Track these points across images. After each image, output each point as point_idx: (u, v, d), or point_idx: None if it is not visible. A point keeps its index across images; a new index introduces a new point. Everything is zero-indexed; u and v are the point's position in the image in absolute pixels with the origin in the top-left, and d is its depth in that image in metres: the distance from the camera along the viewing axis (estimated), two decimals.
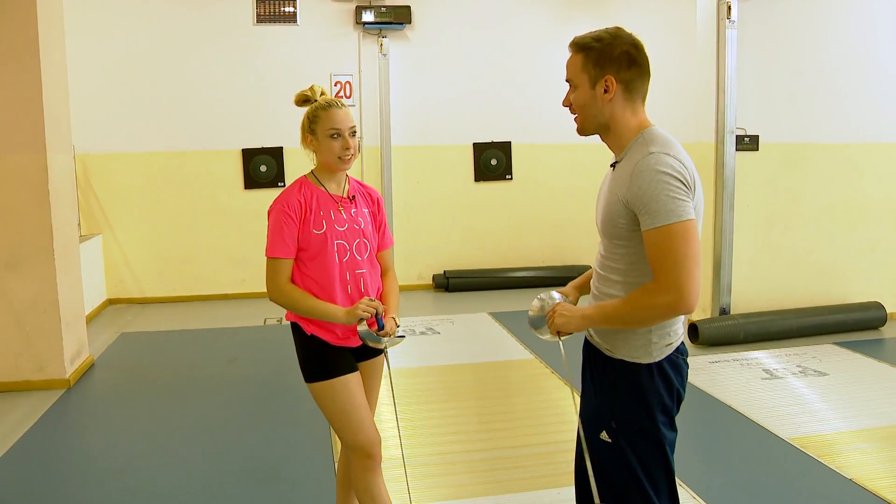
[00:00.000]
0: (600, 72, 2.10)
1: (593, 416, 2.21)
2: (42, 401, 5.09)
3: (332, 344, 2.68)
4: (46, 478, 3.98)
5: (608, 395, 2.17)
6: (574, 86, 2.16)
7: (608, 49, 2.10)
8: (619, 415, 2.13)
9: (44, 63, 5.20)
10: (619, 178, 2.10)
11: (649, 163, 2.00)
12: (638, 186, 2.00)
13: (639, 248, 2.07)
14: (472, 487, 3.73)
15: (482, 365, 5.83)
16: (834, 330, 6.46)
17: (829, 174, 6.69)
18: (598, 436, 2.17)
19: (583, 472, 2.46)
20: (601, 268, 2.22)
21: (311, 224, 2.62)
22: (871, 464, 3.95)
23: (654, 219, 1.97)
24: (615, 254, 2.14)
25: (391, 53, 8.41)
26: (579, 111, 2.17)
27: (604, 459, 2.18)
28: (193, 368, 5.88)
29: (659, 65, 2.22)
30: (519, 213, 8.92)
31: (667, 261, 1.96)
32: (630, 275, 2.12)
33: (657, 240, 1.97)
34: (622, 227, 2.08)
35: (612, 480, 2.17)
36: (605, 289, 2.19)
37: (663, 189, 1.97)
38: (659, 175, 1.98)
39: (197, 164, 8.22)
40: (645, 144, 2.07)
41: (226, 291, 8.35)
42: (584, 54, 2.13)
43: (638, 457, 2.12)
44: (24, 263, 5.27)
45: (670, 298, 1.95)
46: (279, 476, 3.92)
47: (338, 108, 2.65)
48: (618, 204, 2.07)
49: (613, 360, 2.15)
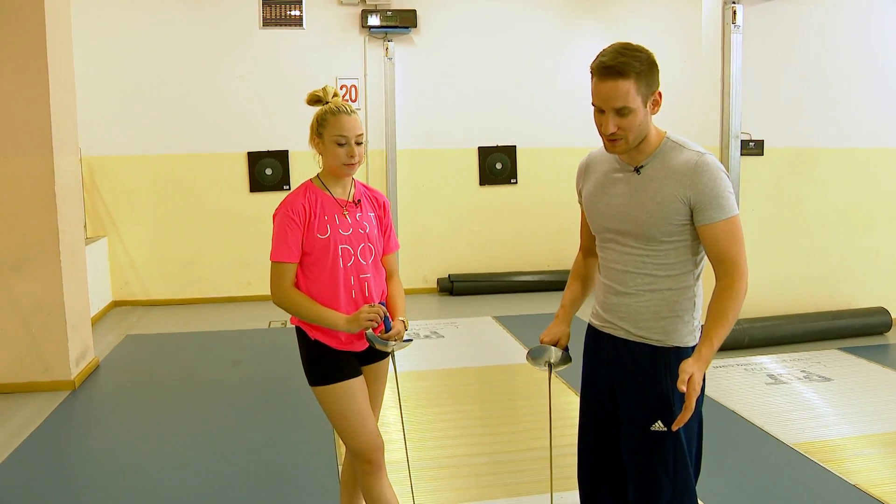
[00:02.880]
0: (650, 90, 2.17)
1: (648, 408, 2.26)
2: (47, 402, 5.11)
3: (336, 349, 2.69)
4: (51, 479, 4.00)
5: (666, 383, 2.24)
6: (629, 110, 2.14)
7: (648, 66, 2.15)
8: (680, 399, 2.17)
9: (51, 65, 5.22)
10: (662, 179, 2.20)
11: (709, 162, 2.18)
12: (703, 184, 2.15)
13: (686, 242, 2.23)
14: (476, 491, 3.73)
15: (486, 368, 5.83)
16: (839, 335, 6.45)
17: (835, 179, 6.69)
18: (650, 428, 2.24)
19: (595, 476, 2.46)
20: (634, 266, 2.28)
21: (316, 228, 2.62)
22: (875, 469, 3.94)
23: (722, 212, 2.16)
24: (658, 250, 2.25)
25: (396, 57, 8.43)
26: (634, 133, 2.19)
27: (656, 450, 2.24)
28: (198, 371, 5.89)
29: (664, 69, 2.24)
30: (524, 217, 8.93)
31: (737, 248, 2.18)
32: (674, 268, 2.26)
33: (727, 230, 2.17)
34: (676, 223, 2.21)
35: (664, 470, 2.24)
36: (644, 285, 2.28)
37: (725, 185, 2.17)
38: (720, 173, 2.18)
39: (202, 167, 8.24)
40: (681, 147, 2.23)
41: (231, 294, 8.36)
42: (636, 78, 2.13)
43: (688, 437, 2.25)
44: (30, 265, 5.29)
45: (747, 280, 2.20)
46: (283, 478, 3.92)
47: (347, 114, 2.64)
48: (675, 202, 2.18)
49: (665, 348, 2.27)
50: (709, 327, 2.19)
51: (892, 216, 6.84)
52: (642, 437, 2.26)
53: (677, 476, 2.24)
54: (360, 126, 2.67)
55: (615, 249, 2.33)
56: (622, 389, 2.34)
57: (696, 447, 2.28)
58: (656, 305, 2.26)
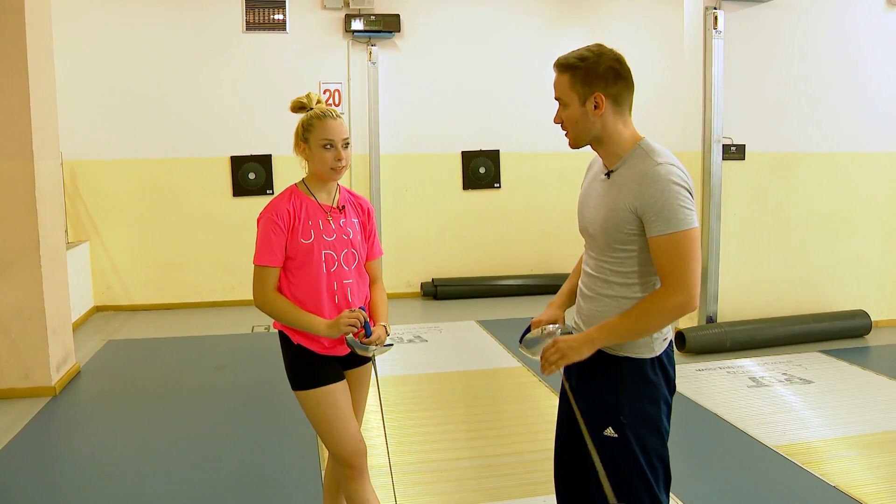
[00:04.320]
0: (589, 89, 2.19)
1: (596, 413, 2.28)
2: (27, 408, 5.06)
3: (319, 353, 2.69)
4: (32, 485, 3.96)
5: (615, 392, 2.24)
6: (564, 104, 2.24)
7: (594, 67, 2.18)
8: (629, 409, 2.21)
9: (31, 69, 5.19)
10: (621, 186, 2.19)
11: (660, 173, 2.12)
12: (650, 195, 2.11)
13: (639, 253, 2.19)
14: (459, 495, 3.73)
15: (470, 373, 5.83)
16: (819, 338, 6.50)
17: (816, 183, 6.75)
18: (602, 433, 2.24)
19: (569, 479, 2.49)
20: (596, 270, 2.30)
21: (300, 234, 2.63)
22: (855, 471, 3.98)
23: (666, 226, 2.10)
24: (615, 258, 2.23)
25: (380, 62, 8.43)
26: (571, 128, 2.25)
27: (608, 455, 2.25)
28: (181, 376, 5.86)
29: (646, 74, 2.27)
30: (507, 221, 8.94)
31: (678, 264, 2.11)
32: (630, 276, 2.23)
33: (669, 245, 2.11)
34: (627, 232, 2.18)
35: (616, 476, 2.24)
36: (602, 290, 2.28)
37: (675, 198, 2.10)
38: (670, 185, 2.10)
39: (185, 172, 8.20)
40: (647, 155, 2.18)
41: (214, 299, 8.32)
42: (571, 74, 2.20)
43: (643, 449, 2.22)
44: (10, 270, 5.24)
45: (680, 299, 2.12)
46: (266, 483, 3.91)
47: (332, 118, 2.65)
48: (625, 211, 2.16)
49: (618, 357, 2.24)
50: (614, 320, 2.19)
51: (873, 220, 6.91)
52: (596, 442, 2.27)
53: (625, 481, 2.23)
54: (346, 130, 2.68)
55: (587, 252, 2.37)
56: (581, 393, 2.35)
57: (656, 458, 2.24)
58: (612, 312, 2.25)
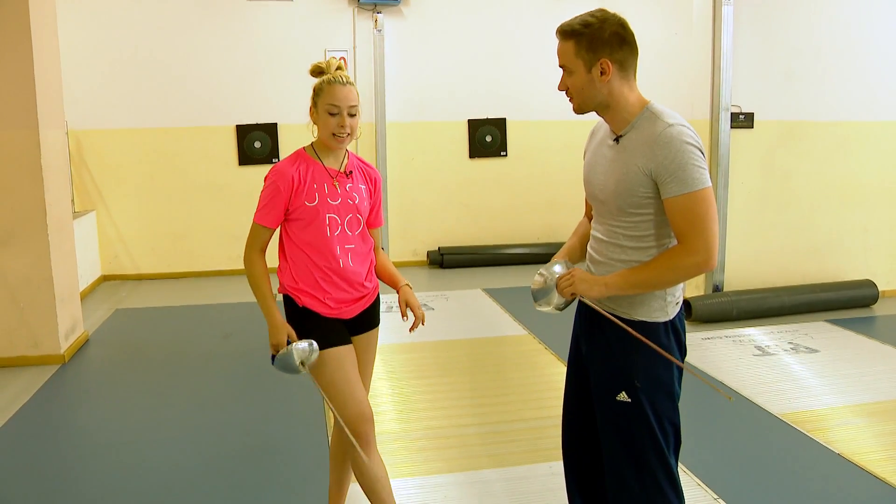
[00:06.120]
0: (594, 56, 2.17)
1: (608, 379, 2.29)
2: (37, 376, 5.11)
3: (324, 315, 2.69)
4: (42, 452, 4.00)
5: (629, 356, 2.25)
6: (569, 71, 2.22)
7: (598, 33, 2.16)
8: (643, 373, 2.23)
9: (35, 38, 5.16)
10: (632, 150, 2.18)
11: (672, 134, 2.11)
12: (664, 156, 2.11)
13: (655, 216, 2.19)
14: (465, 461, 3.76)
15: (476, 340, 5.86)
16: (826, 307, 6.50)
17: (824, 152, 6.69)
18: (615, 398, 2.26)
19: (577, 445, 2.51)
20: (608, 235, 2.30)
21: (304, 196, 2.62)
22: (860, 439, 3.99)
23: (682, 186, 2.10)
24: (628, 222, 2.23)
25: (386, 29, 8.36)
26: (577, 94, 2.24)
27: (621, 420, 2.27)
28: (188, 344, 5.90)
29: (654, 41, 2.25)
30: (513, 189, 8.92)
31: (695, 224, 2.11)
32: (644, 240, 2.22)
33: (685, 205, 2.11)
34: (641, 196, 2.18)
35: (629, 439, 2.27)
36: (614, 254, 2.28)
37: (689, 158, 2.10)
38: (684, 145, 2.10)
39: (191, 141, 8.18)
40: (656, 118, 2.17)
41: (220, 268, 8.34)
42: (576, 40, 2.18)
43: (655, 412, 2.24)
44: (18, 240, 5.26)
45: (699, 259, 2.12)
46: (273, 450, 3.95)
47: (341, 84, 2.63)
48: (638, 174, 2.16)
49: (632, 321, 2.25)
50: (632, 269, 2.21)
51: (882, 190, 6.86)
52: (608, 406, 2.29)
53: (637, 445, 2.26)
54: (355, 98, 2.66)
55: (597, 218, 2.37)
56: (592, 358, 2.37)
57: (668, 422, 2.27)
58: None
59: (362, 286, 2.73)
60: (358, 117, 2.67)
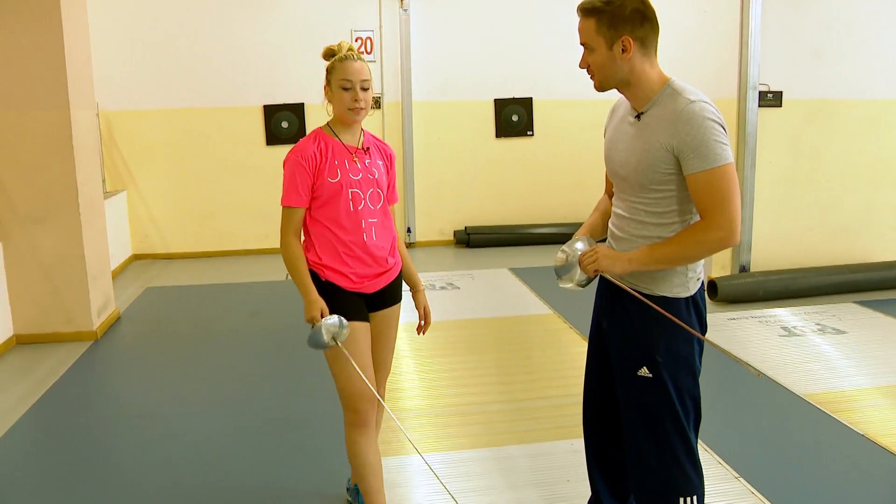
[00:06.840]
0: (616, 33, 2.17)
1: (629, 354, 2.32)
2: (71, 351, 5.23)
3: (346, 289, 2.72)
4: (76, 424, 4.11)
5: (650, 332, 2.27)
6: (590, 48, 2.22)
7: (619, 10, 2.16)
8: (665, 349, 2.25)
9: (65, 19, 5.23)
10: (654, 127, 2.18)
11: (694, 110, 2.11)
12: (686, 132, 2.11)
13: (677, 192, 2.20)
14: (489, 437, 3.80)
15: (502, 319, 5.89)
16: (855, 289, 6.43)
17: (854, 131, 6.60)
18: (636, 373, 2.28)
19: (597, 421, 2.53)
20: (629, 212, 2.30)
21: (326, 173, 2.66)
22: (885, 420, 3.97)
23: (704, 162, 2.10)
24: (650, 198, 2.24)
25: (412, 8, 8.35)
26: (598, 72, 2.24)
27: (642, 395, 2.29)
28: (216, 322, 5.99)
29: (681, 18, 2.23)
30: (540, 169, 8.90)
31: (717, 200, 2.11)
32: (666, 217, 2.23)
33: (708, 181, 2.11)
34: (663, 172, 2.18)
35: (649, 414, 2.29)
36: (636, 230, 2.29)
37: (711, 134, 2.10)
38: (706, 121, 2.10)
39: (219, 121, 8.26)
40: (678, 94, 2.17)
41: (248, 247, 8.44)
42: (597, 18, 2.18)
43: (676, 388, 2.26)
44: (51, 218, 5.36)
45: (722, 234, 2.13)
46: (300, 424, 4.01)
47: (352, 60, 2.66)
48: (660, 150, 2.16)
49: (653, 297, 2.26)
50: (656, 245, 2.22)
51: None
52: (629, 382, 2.31)
53: (657, 420, 2.28)
54: (367, 72, 2.68)
55: (618, 195, 2.37)
56: (613, 335, 2.39)
57: (689, 397, 2.28)
58: None
59: (385, 261, 2.76)
60: (370, 91, 2.70)
